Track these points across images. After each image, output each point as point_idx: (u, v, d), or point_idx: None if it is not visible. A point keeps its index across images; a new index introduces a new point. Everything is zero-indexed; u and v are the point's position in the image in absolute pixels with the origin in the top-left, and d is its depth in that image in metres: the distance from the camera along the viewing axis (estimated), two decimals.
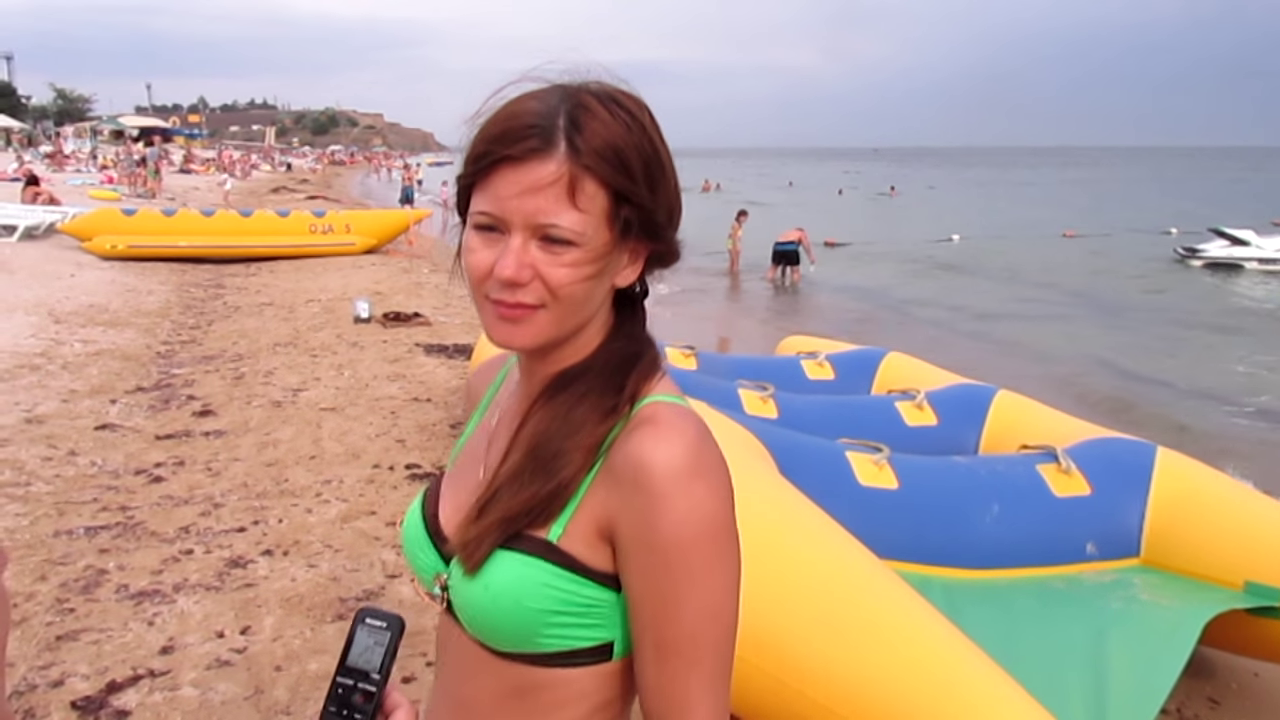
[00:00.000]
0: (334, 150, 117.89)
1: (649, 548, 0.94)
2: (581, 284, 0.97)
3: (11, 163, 35.59)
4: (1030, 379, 9.41)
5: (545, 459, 0.99)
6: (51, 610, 3.86)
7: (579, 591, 0.97)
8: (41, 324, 9.43)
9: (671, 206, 1.03)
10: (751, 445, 3.23)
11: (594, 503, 0.98)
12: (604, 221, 0.96)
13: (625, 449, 0.96)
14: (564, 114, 0.95)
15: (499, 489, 1.01)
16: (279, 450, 6.00)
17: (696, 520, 0.93)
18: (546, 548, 0.97)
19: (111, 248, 14.48)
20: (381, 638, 0.94)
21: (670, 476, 0.93)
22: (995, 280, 19.61)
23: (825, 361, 5.21)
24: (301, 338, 9.60)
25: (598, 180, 0.95)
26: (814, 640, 2.42)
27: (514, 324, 0.98)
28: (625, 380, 1.02)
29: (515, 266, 0.94)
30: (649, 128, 0.99)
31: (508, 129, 0.95)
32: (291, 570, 4.29)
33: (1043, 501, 3.39)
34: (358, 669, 0.92)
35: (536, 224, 0.94)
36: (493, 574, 0.98)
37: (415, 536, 1.13)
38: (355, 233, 16.60)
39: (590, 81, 1.00)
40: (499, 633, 1.00)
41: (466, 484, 1.12)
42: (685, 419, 0.98)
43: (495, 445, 1.11)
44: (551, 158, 0.93)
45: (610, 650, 1.00)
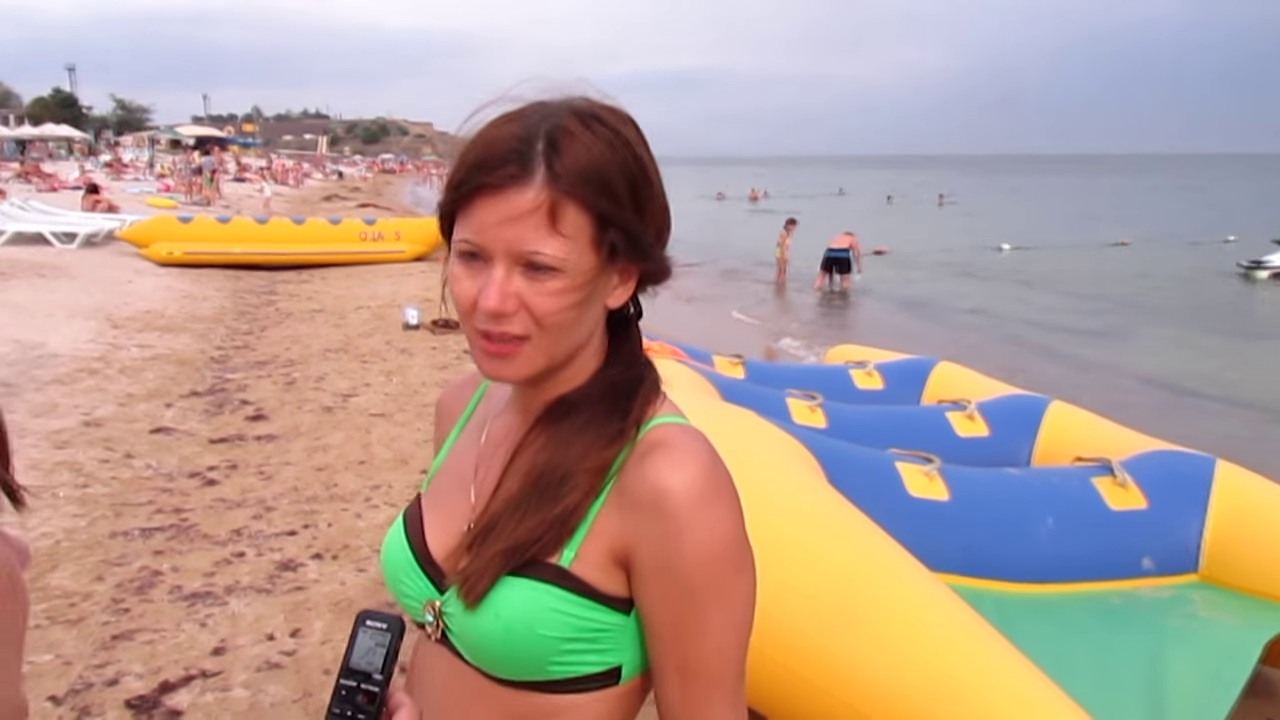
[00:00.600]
0: (384, 158, 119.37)
1: (671, 573, 0.93)
2: (567, 311, 0.95)
3: (74, 171, 36.44)
4: (1085, 390, 9.25)
5: (550, 486, 0.97)
6: (108, 610, 3.93)
7: (592, 617, 0.96)
8: (100, 329, 9.63)
9: (660, 224, 1.01)
10: (800, 455, 3.20)
11: (607, 528, 0.96)
12: (589, 246, 0.94)
13: (640, 474, 0.95)
14: (543, 136, 0.92)
15: (497, 518, 0.99)
16: (329, 455, 6.07)
17: (717, 542, 0.93)
18: (559, 574, 0.95)
19: (168, 254, 14.78)
20: (382, 639, 0.94)
21: (689, 501, 0.92)
22: (1048, 290, 19.32)
23: (874, 371, 5.16)
24: (352, 344, 9.71)
25: (579, 205, 0.92)
26: (864, 654, 2.39)
27: (503, 359, 0.96)
28: (630, 405, 1.01)
29: (499, 297, 0.92)
30: (634, 144, 0.97)
31: (486, 155, 0.92)
32: (341, 574, 4.33)
33: (1098, 515, 3.32)
34: (360, 670, 0.93)
35: (519, 252, 0.92)
36: (503, 603, 0.95)
37: (401, 563, 1.08)
38: (405, 240, 16.78)
39: (574, 98, 0.97)
40: (506, 661, 0.98)
41: (453, 508, 1.08)
42: (696, 441, 0.98)
43: (487, 470, 1.08)
44: (530, 184, 0.91)
45: (618, 674, 0.99)
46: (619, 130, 0.96)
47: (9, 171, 36.41)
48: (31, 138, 58.95)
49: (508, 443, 1.06)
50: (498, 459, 1.06)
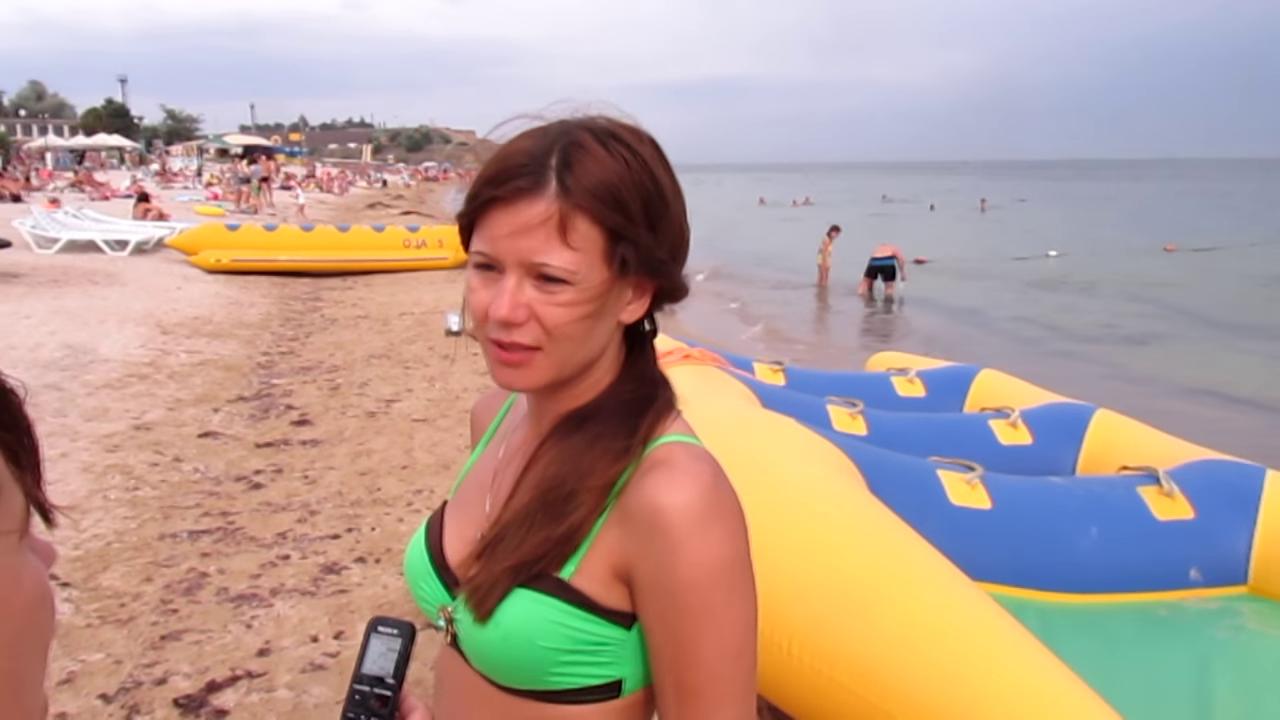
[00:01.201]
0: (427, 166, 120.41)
1: (666, 591, 0.94)
2: (578, 323, 0.96)
3: (125, 180, 37.15)
4: (1132, 398, 9.12)
5: (556, 502, 0.99)
6: (156, 610, 4.01)
7: (591, 630, 0.97)
8: (150, 335, 9.80)
9: (675, 242, 1.01)
10: (841, 462, 3.19)
11: (608, 543, 0.97)
12: (600, 259, 0.95)
13: (640, 492, 0.96)
14: (557, 152, 0.94)
15: (506, 529, 1.01)
16: (372, 460, 6.14)
17: (713, 563, 0.93)
18: (559, 586, 0.97)
19: (216, 261, 15.02)
20: (394, 644, 0.97)
21: (685, 521, 0.93)
22: (1097, 297, 19.04)
23: (916, 378, 5.12)
24: (395, 350, 9.81)
25: (590, 218, 0.94)
26: (906, 663, 2.37)
27: (514, 368, 0.99)
28: (638, 423, 1.01)
29: (509, 306, 0.95)
30: (651, 162, 0.98)
31: (500, 169, 0.95)
32: (383, 578, 4.37)
33: (1143, 525, 3.27)
34: (373, 675, 0.96)
35: (530, 263, 0.94)
36: (504, 612, 0.97)
37: (419, 568, 1.12)
38: (448, 247, 16.92)
39: (595, 117, 0.99)
40: (507, 670, 0.99)
41: (471, 516, 1.11)
42: (699, 461, 0.98)
43: (501, 480, 1.10)
44: (541, 197, 0.93)
45: (619, 687, 1.00)
46: (635, 149, 0.97)
47: (63, 180, 37.21)
48: (85, 147, 60.23)
49: (522, 454, 1.08)
50: (513, 470, 1.08)
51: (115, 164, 58.36)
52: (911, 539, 2.73)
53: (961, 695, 2.27)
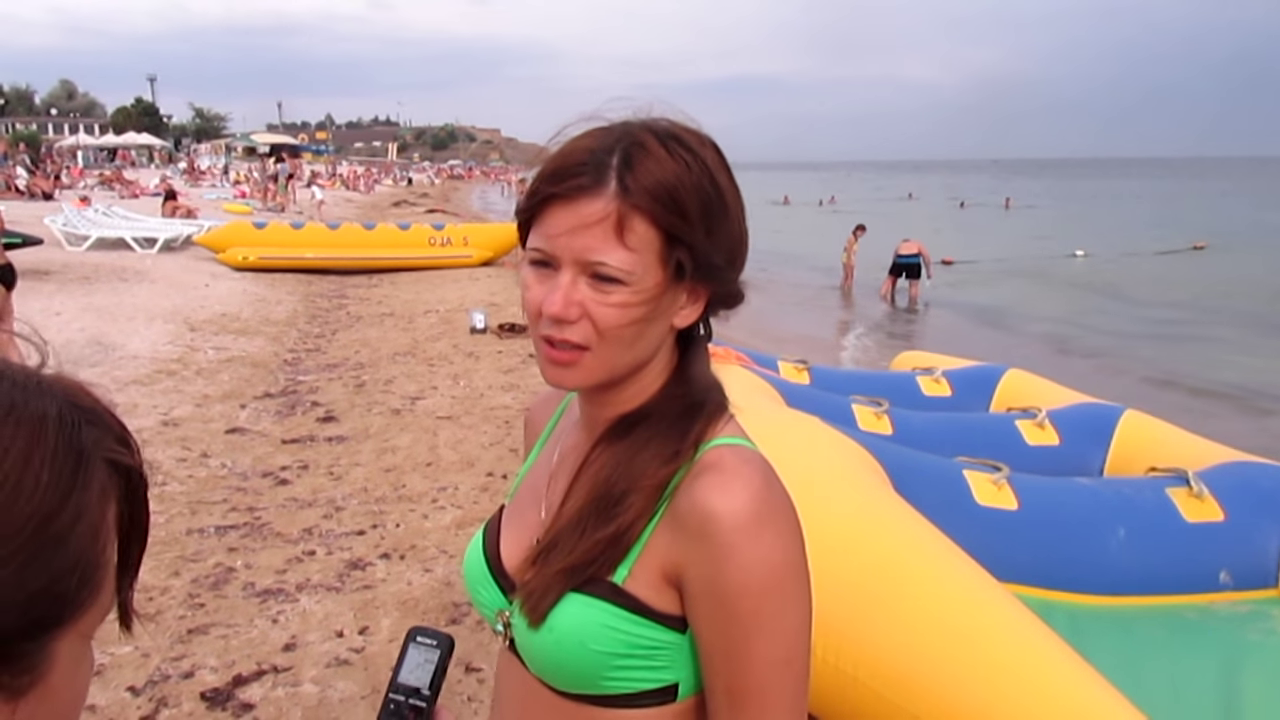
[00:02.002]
0: (452, 165, 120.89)
1: (716, 597, 0.93)
2: (630, 325, 0.96)
3: (154, 178, 37.52)
4: (1162, 399, 9.04)
5: (607, 505, 0.98)
6: (184, 605, 4.04)
7: (644, 634, 0.96)
8: (178, 331, 9.90)
9: (733, 248, 1.00)
10: (866, 461, 3.17)
11: (659, 547, 0.97)
12: (656, 261, 0.95)
13: (690, 497, 0.95)
14: (619, 152, 0.94)
15: (559, 534, 1.01)
16: (397, 456, 6.17)
17: (764, 569, 0.92)
18: (611, 590, 0.97)
19: (243, 259, 15.14)
20: (431, 656, 0.97)
21: (736, 526, 0.92)
22: (1127, 297, 18.88)
23: (942, 378, 5.09)
24: (420, 348, 9.85)
25: (648, 219, 0.93)
26: (931, 663, 2.36)
27: (563, 367, 0.98)
28: (689, 426, 1.01)
29: (562, 303, 0.94)
30: (711, 166, 0.97)
31: (560, 167, 0.95)
32: (408, 574, 4.40)
33: (1172, 527, 3.23)
34: (409, 686, 0.95)
35: (585, 261, 0.94)
36: (557, 616, 0.97)
37: (477, 573, 1.13)
38: (472, 245, 16.99)
39: (658, 119, 0.99)
40: (562, 674, 0.99)
41: (527, 521, 1.12)
42: (750, 464, 0.97)
43: (556, 485, 1.10)
44: (600, 196, 0.93)
45: (675, 691, 0.99)
46: (697, 152, 0.96)
47: (93, 178, 37.62)
48: (115, 146, 60.88)
49: (575, 458, 1.08)
50: (566, 474, 1.08)
51: (144, 162, 58.93)
52: (937, 539, 2.71)
53: (988, 697, 2.26)
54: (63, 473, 0.49)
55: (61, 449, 0.50)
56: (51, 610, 0.50)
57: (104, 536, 0.53)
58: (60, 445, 0.50)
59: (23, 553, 0.47)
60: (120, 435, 0.57)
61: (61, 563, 0.49)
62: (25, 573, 0.47)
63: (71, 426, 0.51)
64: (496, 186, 67.70)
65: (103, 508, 0.52)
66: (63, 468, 0.49)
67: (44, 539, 0.48)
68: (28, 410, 0.49)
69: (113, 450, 0.54)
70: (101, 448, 0.53)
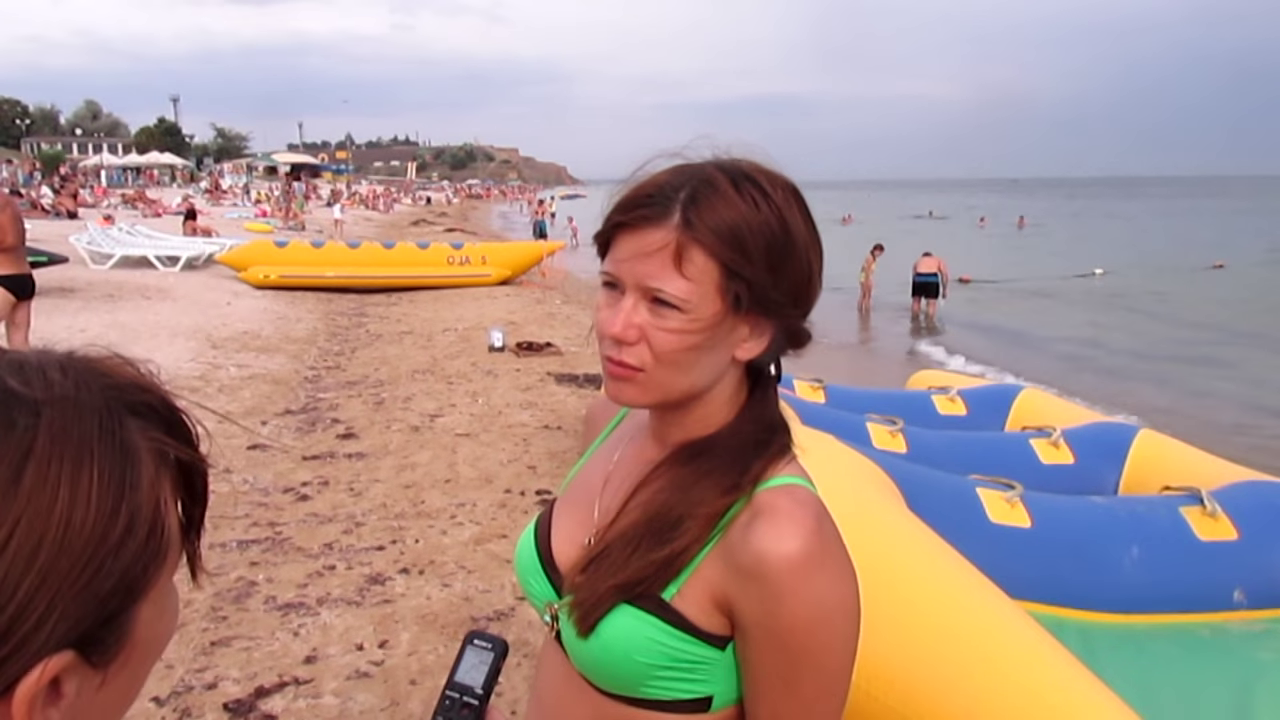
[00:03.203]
0: (471, 184, 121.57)
1: (768, 633, 0.97)
2: (685, 352, 1.00)
3: (177, 197, 37.91)
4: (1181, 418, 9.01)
5: (662, 528, 1.02)
6: (207, 617, 4.10)
7: (687, 649, 1.00)
8: (200, 349, 10.01)
9: (799, 288, 1.03)
10: (879, 479, 3.21)
11: (710, 576, 1.00)
12: (714, 292, 0.99)
13: (745, 537, 0.99)
14: (687, 188, 0.99)
15: (611, 545, 1.04)
16: (416, 473, 6.23)
17: (814, 610, 0.96)
18: (660, 605, 1.00)
19: (264, 277, 15.29)
20: (486, 658, 1.01)
21: (789, 571, 0.95)
22: (1145, 316, 18.82)
23: (957, 397, 5.11)
24: (439, 365, 9.93)
25: (706, 252, 0.98)
26: (944, 679, 2.39)
27: (622, 382, 1.03)
28: (750, 463, 1.04)
29: (621, 325, 1.00)
30: (782, 207, 1.00)
31: (631, 198, 1.01)
32: (427, 589, 4.45)
33: (1186, 545, 3.25)
34: (464, 685, 1.00)
35: (645, 286, 0.99)
36: (605, 625, 1.02)
37: (528, 564, 1.17)
38: (491, 264, 17.09)
39: (737, 159, 1.03)
40: (603, 676, 1.04)
41: (579, 518, 1.16)
42: (804, 507, 1.00)
43: (611, 488, 1.14)
44: (663, 226, 0.98)
45: (709, 703, 1.03)
46: (768, 192, 1.00)
47: (116, 197, 38.04)
48: (138, 165, 61.54)
49: (636, 469, 1.12)
50: (625, 483, 1.12)
51: (167, 181, 59.55)
52: (951, 556, 2.74)
53: (1001, 714, 2.28)
54: (109, 492, 0.53)
55: (105, 470, 0.53)
56: (125, 599, 0.55)
57: (163, 517, 0.57)
58: (104, 465, 0.53)
59: (86, 574, 0.52)
60: (165, 417, 0.60)
61: (123, 563, 0.54)
62: (93, 586, 0.52)
63: (114, 435, 0.54)
64: (515, 206, 68.03)
65: (156, 493, 0.56)
66: (109, 487, 0.53)
67: (103, 555, 0.52)
68: (68, 445, 0.52)
69: (158, 440, 0.58)
70: (147, 439, 0.57)
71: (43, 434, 0.52)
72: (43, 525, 0.50)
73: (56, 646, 0.52)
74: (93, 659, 0.54)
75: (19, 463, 0.50)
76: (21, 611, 0.50)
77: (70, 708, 0.54)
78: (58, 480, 0.51)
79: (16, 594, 0.49)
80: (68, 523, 0.51)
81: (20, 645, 0.50)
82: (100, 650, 0.55)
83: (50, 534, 0.50)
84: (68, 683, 0.54)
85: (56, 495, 0.51)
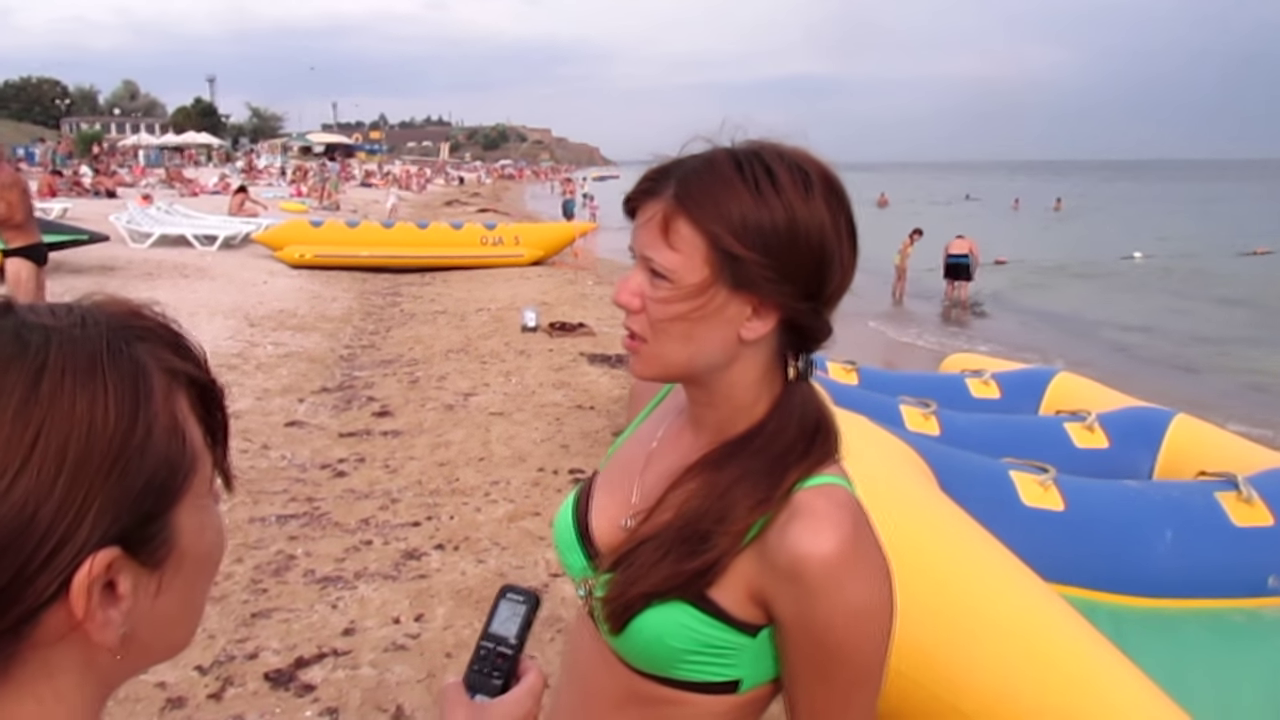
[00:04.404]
0: (503, 164, 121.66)
1: (803, 631, 1.00)
2: (673, 321, 1.03)
3: (213, 177, 38.25)
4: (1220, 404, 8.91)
5: (693, 540, 1.03)
6: (247, 590, 4.19)
7: (719, 636, 1.03)
8: (238, 327, 10.14)
9: (807, 278, 1.01)
10: (912, 460, 3.22)
11: (746, 573, 1.02)
12: (701, 264, 1.00)
13: (781, 538, 1.00)
14: (689, 166, 1.03)
15: (642, 545, 1.06)
16: (450, 451, 6.30)
17: (851, 609, 0.98)
18: (697, 596, 1.03)
19: (300, 257, 15.42)
20: (519, 610, 1.04)
21: (824, 573, 0.97)
22: (1185, 299, 18.57)
23: (991, 380, 5.10)
24: (472, 345, 10.00)
25: (692, 224, 1.00)
26: (977, 660, 2.40)
27: (632, 355, 1.08)
28: (783, 474, 1.03)
29: (625, 293, 1.05)
30: (788, 189, 1.00)
31: (644, 176, 1.06)
32: (461, 564, 4.51)
33: (1221, 531, 3.24)
34: (498, 635, 1.03)
35: (643, 255, 1.04)
36: (638, 619, 1.05)
37: (566, 538, 1.20)
38: (524, 245, 17.13)
39: (755, 143, 1.04)
40: (635, 656, 1.07)
41: (617, 497, 1.18)
42: (842, 509, 1.02)
43: (653, 474, 1.15)
44: (657, 199, 1.03)
45: (737, 686, 1.06)
46: (776, 174, 1.00)
47: (154, 177, 38.46)
48: (175, 145, 62.15)
49: (675, 453, 1.14)
50: (663, 468, 1.14)
51: (203, 161, 60.11)
52: (983, 538, 2.75)
53: (1034, 694, 2.29)
54: (124, 399, 0.57)
55: (117, 380, 0.57)
56: (157, 499, 0.59)
57: (182, 427, 0.62)
58: (116, 377, 0.57)
59: (115, 471, 0.56)
60: (172, 342, 0.64)
61: (151, 463, 0.58)
62: (124, 482, 0.57)
63: (122, 353, 0.59)
64: (547, 186, 68.08)
65: (171, 407, 0.61)
66: (124, 396, 0.57)
67: (128, 454, 0.57)
68: (78, 359, 0.57)
69: (165, 358, 0.62)
70: (155, 359, 0.61)
71: (54, 352, 0.56)
72: (66, 428, 0.55)
73: (101, 544, 0.56)
74: (140, 557, 0.59)
75: (34, 376, 0.55)
76: (60, 507, 0.54)
77: (131, 612, 0.59)
78: (74, 390, 0.56)
79: (53, 491, 0.54)
80: (89, 425, 0.56)
81: (64, 539, 0.55)
82: (146, 550, 0.59)
83: (74, 436, 0.55)
84: (122, 582, 0.58)
85: (74, 402, 0.56)
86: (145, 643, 0.62)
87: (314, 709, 3.34)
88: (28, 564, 0.54)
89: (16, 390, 0.54)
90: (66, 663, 0.58)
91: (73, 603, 0.55)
